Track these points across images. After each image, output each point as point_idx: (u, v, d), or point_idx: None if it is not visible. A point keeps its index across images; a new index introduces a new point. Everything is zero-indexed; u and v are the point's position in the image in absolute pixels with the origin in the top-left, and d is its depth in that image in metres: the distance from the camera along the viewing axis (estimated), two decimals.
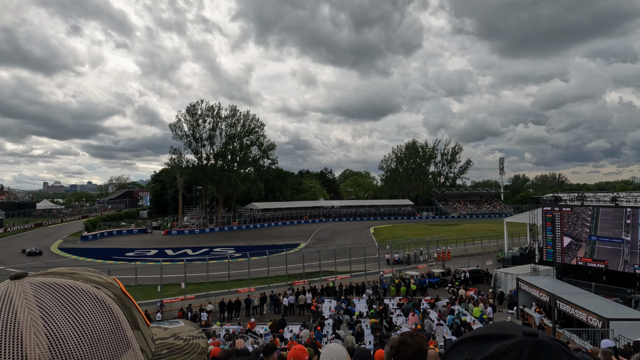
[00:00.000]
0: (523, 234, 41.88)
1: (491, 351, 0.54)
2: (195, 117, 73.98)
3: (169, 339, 0.69)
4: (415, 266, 38.06)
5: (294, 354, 3.85)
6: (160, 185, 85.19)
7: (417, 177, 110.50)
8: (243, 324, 22.12)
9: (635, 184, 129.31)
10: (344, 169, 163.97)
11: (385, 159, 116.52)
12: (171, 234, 65.77)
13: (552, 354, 0.52)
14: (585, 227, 26.41)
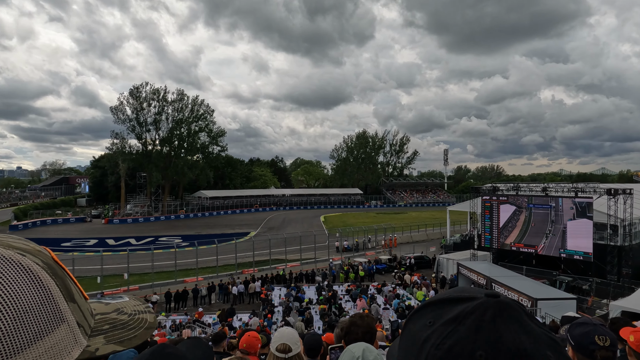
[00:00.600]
0: (464, 222, 44.29)
1: (455, 313, 0.55)
2: (139, 100, 70.26)
3: (111, 314, 0.64)
4: (364, 253, 39.09)
5: (246, 340, 3.79)
6: (101, 172, 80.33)
7: (366, 166, 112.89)
8: (190, 314, 21.65)
9: (563, 176, 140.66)
10: (295, 158, 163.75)
11: (336, 149, 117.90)
12: (113, 223, 62.50)
13: (513, 314, 0.54)
14: (519, 215, 28.40)
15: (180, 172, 72.65)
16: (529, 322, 0.54)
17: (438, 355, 0.52)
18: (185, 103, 74.41)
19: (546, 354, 0.51)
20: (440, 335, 0.53)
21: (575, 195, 25.85)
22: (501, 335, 0.51)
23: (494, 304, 0.54)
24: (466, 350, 0.50)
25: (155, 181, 72.01)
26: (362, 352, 1.35)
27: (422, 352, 0.54)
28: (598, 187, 26.11)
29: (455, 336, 0.52)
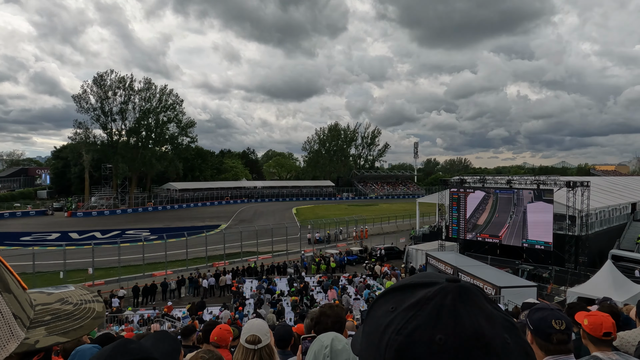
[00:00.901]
0: (433, 214, 45.37)
1: (416, 298, 0.56)
2: (104, 89, 67.54)
3: (54, 304, 0.60)
4: (335, 245, 39.43)
5: (218, 333, 3.75)
6: (63, 163, 77.02)
7: (338, 159, 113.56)
8: (159, 308, 21.25)
9: (526, 169, 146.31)
10: (267, 150, 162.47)
11: (309, 141, 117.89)
12: (76, 215, 60.19)
13: (473, 297, 0.55)
14: (488, 199, 29.38)
15: (148, 163, 70.60)
16: (487, 306, 0.55)
17: (399, 341, 0.53)
18: (153, 92, 72.18)
19: (504, 337, 0.52)
20: (401, 320, 0.54)
21: (537, 188, 26.95)
22: (461, 319, 0.52)
23: (454, 289, 0.56)
24: (426, 335, 0.51)
25: (121, 173, 69.72)
26: (331, 341, 1.37)
27: (384, 337, 0.54)
28: (558, 179, 27.32)
29: (416, 321, 0.53)
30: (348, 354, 1.34)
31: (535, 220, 26.57)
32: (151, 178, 78.31)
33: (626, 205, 35.13)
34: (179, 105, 75.67)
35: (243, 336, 2.46)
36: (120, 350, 1.15)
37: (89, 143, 66.88)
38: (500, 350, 0.51)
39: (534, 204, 26.61)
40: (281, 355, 3.02)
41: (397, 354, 0.52)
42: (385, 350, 0.53)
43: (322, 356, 1.31)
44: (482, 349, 0.50)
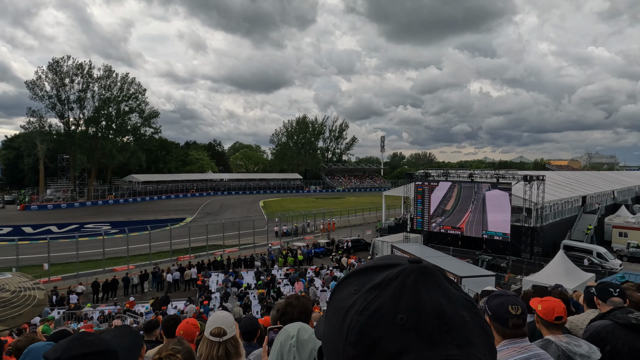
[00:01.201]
0: (399, 206, 46.29)
1: (379, 280, 0.57)
2: (60, 75, 64.05)
3: None
4: (303, 237, 39.53)
5: (184, 327, 3.67)
6: (15, 153, 72.64)
7: (306, 152, 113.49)
8: (121, 304, 20.63)
9: (487, 163, 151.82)
10: (234, 142, 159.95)
11: (276, 133, 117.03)
12: (30, 209, 57.19)
13: (434, 278, 0.56)
14: (454, 188, 30.29)
15: (108, 154, 67.80)
16: (448, 286, 0.57)
17: (361, 321, 0.53)
18: (114, 80, 69.13)
19: (462, 315, 0.54)
20: (364, 301, 0.55)
21: (497, 181, 28.04)
22: (421, 298, 0.53)
23: (416, 269, 0.57)
24: (388, 314, 0.52)
25: (79, 164, 66.53)
26: (297, 331, 1.38)
27: (347, 319, 0.55)
28: (516, 174, 28.52)
29: (378, 301, 0.54)
30: (314, 343, 1.35)
31: (494, 208, 27.70)
32: (112, 170, 75.37)
33: (577, 199, 37.23)
34: (142, 94, 72.93)
35: (208, 328, 2.43)
36: (78, 342, 1.12)
37: (43, 132, 63.40)
38: (459, 327, 0.52)
39: (492, 192, 27.75)
40: (247, 347, 3.00)
41: (359, 334, 0.52)
42: (347, 331, 0.54)
43: (288, 346, 1.32)
44: (442, 327, 0.51)
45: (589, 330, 2.80)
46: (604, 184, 49.52)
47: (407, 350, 0.50)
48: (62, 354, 1.10)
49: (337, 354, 0.55)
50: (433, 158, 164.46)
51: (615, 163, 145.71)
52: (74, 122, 66.92)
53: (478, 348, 0.52)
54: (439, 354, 0.50)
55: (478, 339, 0.53)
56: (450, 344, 0.50)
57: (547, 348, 2.22)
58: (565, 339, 2.41)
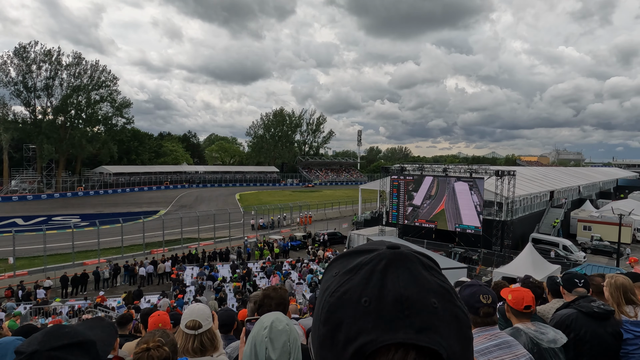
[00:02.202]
0: (374, 200, 46.80)
1: (354, 263, 0.59)
2: (26, 61, 61.25)
3: None
4: (279, 230, 39.47)
5: (159, 319, 3.57)
6: None
7: (283, 145, 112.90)
8: (91, 298, 20.09)
9: (461, 158, 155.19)
10: (209, 133, 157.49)
11: (253, 125, 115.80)
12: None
13: (407, 263, 0.58)
14: (435, 181, 30.81)
15: (77, 145, 65.45)
16: (422, 272, 0.58)
17: (330, 302, 0.57)
18: (84, 68, 66.65)
19: (431, 301, 0.54)
20: (337, 284, 0.58)
21: (470, 176, 28.71)
22: (386, 283, 0.55)
23: (389, 255, 0.59)
24: (354, 297, 0.55)
25: (46, 154, 63.88)
26: (271, 322, 1.38)
27: (322, 299, 0.59)
28: (489, 169, 29.30)
29: (348, 284, 0.57)
30: (288, 335, 1.36)
31: (464, 202, 28.38)
32: (81, 160, 72.87)
33: (545, 193, 38.60)
34: (113, 83, 70.69)
35: (183, 321, 2.40)
36: (54, 334, 1.09)
37: (7, 121, 60.62)
38: (423, 313, 0.53)
39: (461, 186, 28.42)
40: (224, 339, 2.99)
41: (328, 314, 0.56)
42: (320, 310, 0.58)
43: (260, 337, 1.32)
44: (403, 312, 0.52)
45: (555, 319, 2.93)
46: (571, 179, 51.51)
47: (366, 332, 0.52)
48: (40, 347, 1.07)
49: (314, 330, 0.59)
50: (409, 152, 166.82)
51: (582, 159, 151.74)
52: (41, 110, 64.31)
53: (442, 335, 0.53)
54: (394, 337, 0.51)
55: (446, 326, 0.54)
56: (409, 327, 0.52)
57: (516, 336, 2.31)
58: (533, 326, 2.51)
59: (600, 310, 2.78)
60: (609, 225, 32.25)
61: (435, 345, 0.51)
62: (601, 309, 2.80)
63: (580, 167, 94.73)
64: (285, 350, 1.37)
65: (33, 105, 63.40)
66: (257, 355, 1.33)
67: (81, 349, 1.07)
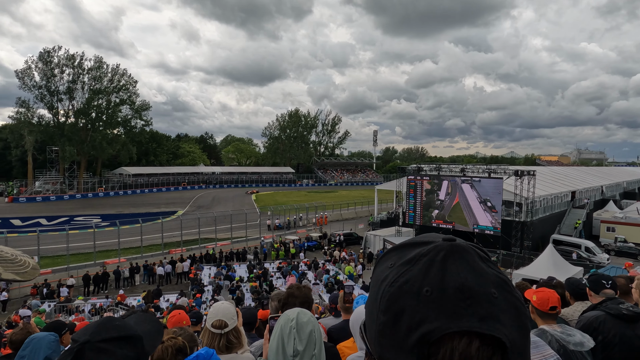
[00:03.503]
0: (391, 200, 46.50)
1: (412, 255, 0.61)
2: (50, 66, 62.95)
3: None
4: (295, 231, 39.59)
5: (175, 320, 3.71)
6: (3, 144, 71.36)
7: (298, 145, 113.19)
8: (112, 296, 20.54)
9: (479, 158, 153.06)
10: (226, 135, 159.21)
11: (269, 126, 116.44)
12: (19, 201, 56.47)
13: (465, 255, 0.59)
14: (441, 194, 30.49)
15: (98, 147, 66.99)
16: (479, 263, 0.59)
17: (391, 292, 0.59)
18: (104, 72, 68.18)
19: (491, 291, 0.56)
20: (396, 274, 0.60)
21: (488, 176, 28.27)
22: (447, 274, 0.57)
23: (447, 247, 0.60)
24: (415, 287, 0.57)
25: (69, 156, 65.54)
26: (297, 314, 1.43)
27: (380, 289, 0.61)
28: (507, 168, 28.79)
29: (407, 275, 0.59)
30: (313, 325, 1.43)
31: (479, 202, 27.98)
32: (102, 162, 74.55)
33: (567, 193, 37.74)
34: (133, 86, 72.12)
35: (209, 320, 2.44)
36: (106, 326, 1.16)
37: (32, 123, 62.38)
38: (484, 302, 0.55)
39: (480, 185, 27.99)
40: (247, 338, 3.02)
41: (388, 303, 0.58)
42: (380, 300, 0.60)
43: (288, 328, 1.38)
44: (465, 301, 0.54)
45: (581, 321, 2.87)
46: (593, 179, 50.23)
47: (429, 320, 0.54)
48: (91, 337, 1.12)
49: (372, 320, 0.62)
50: (425, 152, 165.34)
51: (604, 159, 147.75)
52: (64, 113, 66.05)
53: (503, 323, 0.54)
54: (459, 325, 0.53)
55: (506, 315, 0.55)
56: (472, 316, 0.53)
57: (542, 337, 2.27)
58: (559, 328, 2.47)
59: (629, 312, 2.71)
60: (634, 227, 31.33)
61: (499, 333, 0.53)
62: (630, 310, 2.73)
63: (603, 167, 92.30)
64: (311, 340, 1.42)
65: (56, 109, 65.14)
66: (284, 347, 1.37)
67: (128, 342, 1.13)
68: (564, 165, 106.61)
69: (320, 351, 1.47)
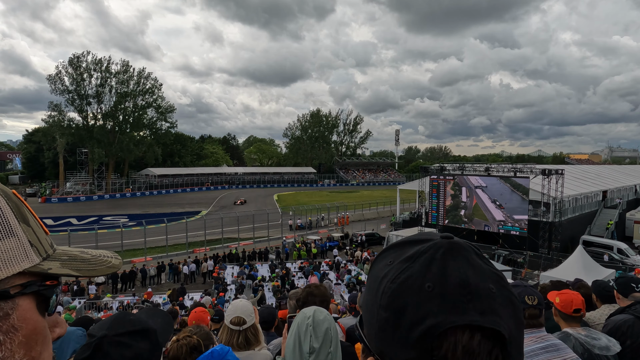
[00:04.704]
0: (413, 200, 46.01)
1: (411, 252, 0.62)
2: (79, 71, 65.23)
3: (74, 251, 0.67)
4: (317, 231, 39.68)
5: (195, 316, 3.81)
6: (36, 147, 74.43)
7: (320, 145, 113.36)
8: (139, 294, 21.08)
9: (504, 157, 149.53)
10: (248, 135, 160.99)
11: (290, 127, 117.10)
12: (51, 201, 58.68)
13: (463, 252, 0.61)
14: (462, 195, 29.99)
15: (125, 148, 68.99)
16: (477, 260, 0.61)
17: (392, 288, 0.59)
18: (131, 75, 70.13)
19: (489, 287, 0.58)
20: (396, 271, 0.61)
21: (514, 175, 27.62)
22: (448, 269, 0.58)
23: (446, 244, 0.62)
24: (416, 283, 0.58)
25: (97, 158, 67.81)
26: (313, 312, 1.45)
27: (380, 286, 0.61)
28: (534, 167, 28.04)
29: (408, 271, 0.60)
30: (329, 323, 1.45)
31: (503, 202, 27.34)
32: (129, 163, 76.71)
33: (597, 193, 36.42)
34: (158, 89, 73.91)
35: (227, 318, 2.50)
36: (121, 321, 1.22)
37: (63, 127, 64.74)
38: (484, 297, 0.57)
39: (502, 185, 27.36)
40: (265, 336, 3.07)
41: (390, 299, 0.59)
42: (381, 296, 0.60)
43: (305, 326, 1.41)
44: (466, 296, 0.56)
45: (609, 325, 2.78)
46: (626, 178, 48.29)
47: (432, 315, 0.55)
48: (108, 332, 1.19)
49: (372, 316, 0.62)
50: (449, 152, 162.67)
51: (638, 157, 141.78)
52: (92, 116, 68.20)
53: (502, 317, 0.56)
54: (462, 319, 0.54)
55: (504, 309, 0.57)
56: (473, 310, 0.55)
57: (565, 340, 2.22)
58: (584, 332, 2.40)
59: None
60: None
61: (499, 326, 0.55)
62: None
63: (636, 165, 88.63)
64: (327, 338, 1.44)
65: (85, 112, 67.35)
66: (300, 344, 1.40)
67: (143, 335, 1.19)
68: (595, 163, 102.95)
69: (336, 349, 1.49)
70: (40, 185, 66.33)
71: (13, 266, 0.53)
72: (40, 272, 0.57)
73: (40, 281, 0.57)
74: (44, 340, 0.59)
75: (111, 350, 1.14)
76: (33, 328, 0.56)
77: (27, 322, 0.55)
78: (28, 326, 0.55)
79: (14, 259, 0.53)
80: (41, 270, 0.57)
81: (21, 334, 0.54)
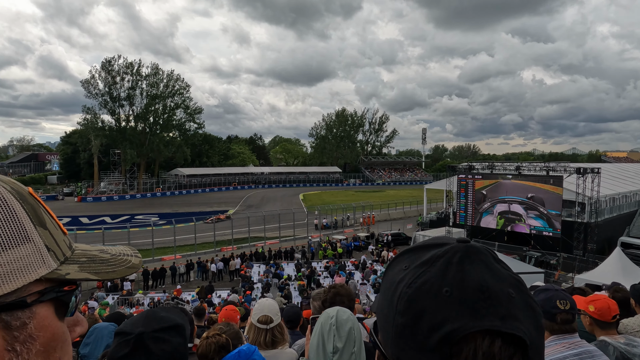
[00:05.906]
0: (440, 200, 45.25)
1: (427, 257, 0.61)
2: (111, 74, 67.62)
3: (93, 251, 0.65)
4: (342, 230, 39.62)
5: (225, 314, 3.88)
6: (72, 148, 77.69)
7: (345, 145, 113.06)
8: (169, 291, 21.65)
9: (536, 155, 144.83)
10: (274, 135, 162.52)
11: (316, 126, 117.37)
12: (86, 200, 61.04)
13: (480, 256, 0.60)
14: (495, 194, 29.25)
15: (156, 149, 71.07)
16: (495, 264, 0.60)
17: (409, 293, 0.58)
18: (160, 78, 72.10)
19: (508, 291, 0.57)
20: (412, 276, 0.60)
21: (546, 174, 26.71)
22: (466, 274, 0.57)
23: (462, 248, 0.60)
24: (434, 288, 0.57)
25: (130, 159, 70.11)
26: (337, 312, 1.46)
27: (396, 291, 0.60)
28: (568, 166, 27.03)
29: (425, 276, 0.59)
30: (352, 323, 1.46)
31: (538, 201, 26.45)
32: (159, 164, 78.91)
33: (637, 192, 34.74)
34: (186, 91, 75.69)
35: (255, 316, 2.53)
36: (155, 318, 1.28)
37: (97, 128, 67.25)
38: (503, 302, 0.55)
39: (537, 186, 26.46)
40: (290, 335, 3.09)
41: (407, 304, 0.57)
42: (397, 301, 0.59)
43: (328, 326, 1.43)
44: (485, 300, 0.54)
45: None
46: None
47: (451, 320, 0.54)
48: (145, 328, 1.24)
49: (387, 322, 0.61)
50: (477, 150, 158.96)
51: None
52: (124, 118, 70.50)
53: (522, 322, 0.55)
54: (481, 324, 0.53)
55: (523, 314, 0.56)
56: (493, 315, 0.53)
57: (603, 349, 2.13)
58: (622, 339, 2.29)
59: None
60: None
61: (520, 332, 0.53)
62: None
63: None
64: (350, 337, 1.44)
65: (117, 114, 69.67)
66: (324, 344, 1.41)
67: (176, 331, 1.24)
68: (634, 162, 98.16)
69: (360, 349, 1.49)
70: (76, 185, 69.17)
71: (30, 274, 0.51)
72: (58, 277, 0.55)
73: (58, 287, 0.55)
74: (63, 345, 0.57)
75: (152, 346, 1.19)
76: (52, 334, 0.55)
77: (45, 329, 0.53)
78: (46, 334, 0.54)
79: (30, 266, 0.51)
80: (59, 276, 0.55)
81: (39, 343, 0.52)
